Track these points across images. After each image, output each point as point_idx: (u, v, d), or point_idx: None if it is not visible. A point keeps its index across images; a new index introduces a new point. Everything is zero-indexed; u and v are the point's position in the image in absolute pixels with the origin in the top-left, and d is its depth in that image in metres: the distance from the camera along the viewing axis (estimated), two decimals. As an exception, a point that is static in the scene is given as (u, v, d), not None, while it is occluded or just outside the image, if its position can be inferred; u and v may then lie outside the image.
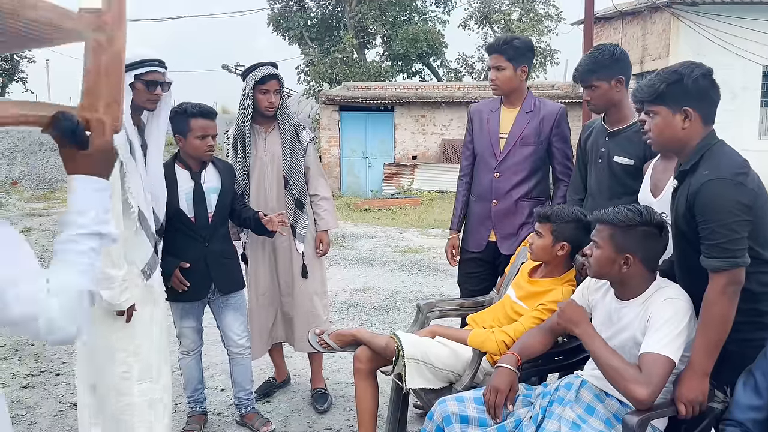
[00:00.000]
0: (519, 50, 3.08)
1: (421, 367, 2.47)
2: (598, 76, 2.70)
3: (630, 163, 2.67)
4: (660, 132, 2.04)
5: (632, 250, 2.05)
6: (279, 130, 3.34)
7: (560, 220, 2.57)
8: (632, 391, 1.91)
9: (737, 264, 1.88)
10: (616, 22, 17.07)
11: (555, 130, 3.13)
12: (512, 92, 3.17)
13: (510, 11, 24.25)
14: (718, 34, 13.74)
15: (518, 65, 3.10)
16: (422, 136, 16.53)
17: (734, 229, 1.87)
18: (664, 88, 1.99)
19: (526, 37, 3.31)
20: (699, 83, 1.96)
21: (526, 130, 3.14)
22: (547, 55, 24.53)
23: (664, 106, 2.01)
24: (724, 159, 1.95)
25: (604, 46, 2.78)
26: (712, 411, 2.00)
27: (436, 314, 2.98)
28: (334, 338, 2.79)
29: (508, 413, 2.13)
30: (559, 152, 3.16)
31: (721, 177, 1.89)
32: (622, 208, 2.09)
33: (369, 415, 2.72)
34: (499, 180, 3.19)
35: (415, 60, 23.55)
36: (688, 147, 2.02)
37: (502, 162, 3.18)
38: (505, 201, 3.19)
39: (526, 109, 3.16)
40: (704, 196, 1.91)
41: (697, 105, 1.98)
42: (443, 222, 10.85)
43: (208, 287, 3.06)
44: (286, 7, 23.31)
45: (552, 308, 2.48)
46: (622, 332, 2.11)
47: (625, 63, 2.74)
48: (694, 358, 1.95)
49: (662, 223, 2.08)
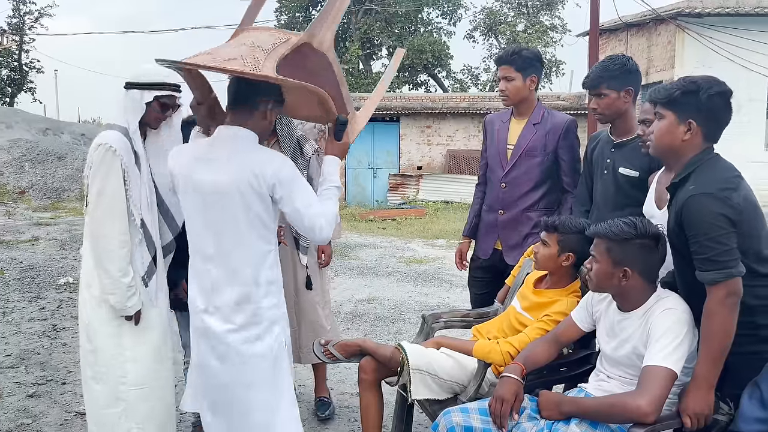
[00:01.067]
0: (528, 60, 3.11)
1: (426, 378, 2.47)
2: (609, 84, 2.72)
3: (635, 174, 2.68)
4: (660, 136, 2.06)
5: (629, 263, 2.06)
6: (279, 143, 3.35)
7: (567, 230, 2.58)
8: (632, 404, 1.91)
9: (732, 275, 1.89)
10: (622, 34, 17.12)
11: (561, 142, 3.13)
12: (522, 102, 3.18)
13: (515, 23, 24.37)
14: (723, 45, 13.74)
15: (527, 75, 3.12)
16: (427, 147, 16.57)
17: (721, 241, 1.88)
18: (679, 95, 2.00)
19: (534, 48, 3.34)
20: (713, 101, 1.97)
21: (531, 141, 3.15)
22: (552, 66, 24.60)
23: (673, 112, 2.02)
24: (712, 174, 1.96)
25: (617, 56, 2.79)
26: (716, 423, 1.99)
27: (441, 325, 2.98)
28: (339, 349, 2.79)
29: (513, 424, 2.13)
30: (566, 164, 3.16)
31: (704, 191, 1.91)
32: (617, 221, 2.10)
33: (373, 425, 2.71)
34: (506, 191, 3.21)
35: (421, 71, 23.67)
36: (683, 159, 2.04)
37: (508, 173, 3.20)
38: (511, 211, 3.21)
39: (533, 121, 3.17)
40: (689, 211, 1.93)
41: (703, 121, 1.99)
42: (448, 232, 10.85)
43: None
44: (292, 19, 23.48)
45: (557, 319, 2.48)
46: (625, 344, 2.11)
47: (635, 76, 2.76)
48: (698, 371, 1.95)
49: (658, 235, 2.09)
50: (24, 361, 4.45)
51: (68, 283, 6.87)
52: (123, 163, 2.47)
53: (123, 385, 2.55)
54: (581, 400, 2.12)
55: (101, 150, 2.46)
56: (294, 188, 2.14)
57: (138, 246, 2.55)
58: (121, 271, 2.47)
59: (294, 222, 2.19)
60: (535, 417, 2.16)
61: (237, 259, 2.17)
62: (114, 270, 2.47)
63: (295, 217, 2.16)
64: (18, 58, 28.40)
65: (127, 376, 2.56)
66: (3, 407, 3.67)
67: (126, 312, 2.51)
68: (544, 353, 2.35)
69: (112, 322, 2.54)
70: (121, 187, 2.47)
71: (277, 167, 2.12)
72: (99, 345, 2.56)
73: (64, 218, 12.76)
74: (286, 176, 2.13)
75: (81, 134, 19.32)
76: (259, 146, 2.21)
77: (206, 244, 2.21)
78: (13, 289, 6.64)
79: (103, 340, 2.55)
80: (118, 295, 2.48)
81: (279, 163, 2.15)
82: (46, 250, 8.98)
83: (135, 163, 2.52)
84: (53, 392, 3.90)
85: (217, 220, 2.17)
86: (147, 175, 2.60)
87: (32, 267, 7.73)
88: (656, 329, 2.00)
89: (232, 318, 2.18)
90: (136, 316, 2.55)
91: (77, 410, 3.58)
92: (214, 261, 2.20)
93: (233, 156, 2.14)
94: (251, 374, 2.19)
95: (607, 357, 2.21)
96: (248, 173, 2.10)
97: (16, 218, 12.66)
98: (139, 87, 2.53)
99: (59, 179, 15.61)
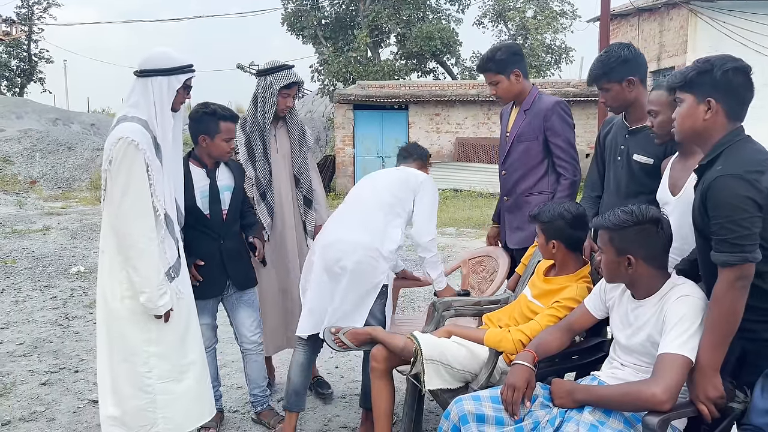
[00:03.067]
0: (503, 62, 3.16)
1: (439, 368, 2.47)
2: (609, 78, 2.71)
3: (649, 162, 2.64)
4: (682, 120, 2.03)
5: (631, 250, 2.06)
6: (287, 128, 3.45)
7: (544, 219, 2.63)
8: (647, 392, 1.90)
9: (746, 259, 1.85)
10: (633, 19, 16.90)
11: (546, 124, 3.16)
12: (517, 96, 3.25)
13: (524, 8, 24.12)
14: (737, 30, 13.54)
15: (509, 73, 3.17)
16: (436, 135, 16.50)
17: (743, 225, 1.85)
18: (694, 75, 1.97)
19: (507, 43, 3.46)
20: (728, 76, 1.93)
21: (521, 128, 3.22)
22: (562, 52, 24.37)
23: (691, 93, 1.99)
24: (741, 155, 1.92)
25: (612, 47, 2.77)
26: (732, 411, 1.97)
27: (451, 313, 2.97)
28: (350, 337, 2.79)
29: (525, 412, 2.12)
30: (553, 146, 3.18)
31: (731, 173, 1.87)
32: (616, 210, 2.10)
33: (384, 413, 2.72)
34: (505, 177, 3.33)
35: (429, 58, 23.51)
36: (710, 141, 1.99)
37: (505, 160, 3.32)
38: (512, 197, 3.32)
39: (524, 107, 3.24)
40: (714, 192, 1.89)
41: (723, 98, 1.95)
42: (458, 220, 10.82)
43: (224, 284, 3.10)
44: (300, 7, 23.36)
45: (568, 305, 2.47)
46: (640, 332, 2.09)
47: (635, 62, 2.71)
48: (701, 355, 1.92)
49: (658, 219, 2.06)
50: (36, 349, 4.48)
51: (80, 272, 6.92)
52: (146, 157, 2.43)
53: (149, 379, 2.55)
54: (595, 388, 2.11)
55: (122, 144, 2.40)
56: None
57: (163, 241, 2.53)
58: (151, 268, 2.44)
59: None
60: (548, 405, 2.15)
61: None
62: (144, 268, 2.44)
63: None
64: (27, 49, 28.47)
65: (153, 371, 2.55)
66: (16, 395, 3.71)
67: (157, 311, 2.49)
68: (556, 341, 2.34)
69: (140, 317, 2.52)
70: (146, 182, 2.44)
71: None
72: (126, 335, 2.54)
73: (74, 208, 12.83)
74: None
75: (90, 124, 19.40)
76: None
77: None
78: (26, 278, 6.70)
79: (131, 333, 2.54)
80: (150, 294, 2.45)
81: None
82: (58, 240, 9.04)
83: (156, 155, 2.50)
84: (66, 380, 3.93)
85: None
86: (170, 165, 2.60)
87: (44, 256, 7.78)
88: (671, 316, 1.98)
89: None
90: (166, 315, 2.53)
91: (90, 398, 3.61)
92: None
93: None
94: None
95: (621, 345, 2.19)
96: None
97: (27, 208, 12.74)
98: (166, 73, 2.50)
99: (69, 169, 15.69)
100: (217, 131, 2.97)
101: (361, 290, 2.84)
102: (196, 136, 3.01)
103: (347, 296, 2.85)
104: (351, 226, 2.93)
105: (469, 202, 13.51)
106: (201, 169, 3.04)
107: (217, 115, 2.97)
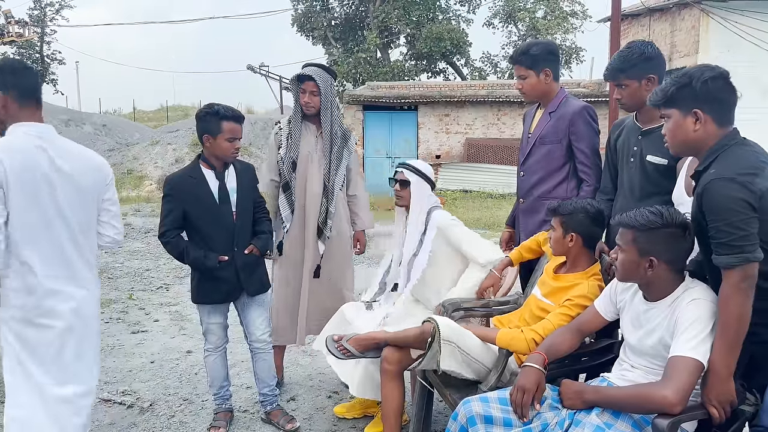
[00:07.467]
0: (537, 57, 3.11)
1: (455, 350, 2.46)
2: (628, 74, 2.67)
3: (663, 162, 2.62)
4: (673, 135, 2.06)
5: (656, 252, 2.03)
6: (321, 130, 3.51)
7: (567, 211, 2.62)
8: (658, 395, 1.89)
9: (748, 259, 1.86)
10: (644, 19, 16.82)
11: (571, 129, 3.11)
12: (543, 96, 3.19)
13: (535, 9, 24.06)
14: (749, 30, 13.43)
15: (540, 70, 3.12)
16: (446, 136, 16.49)
17: (740, 227, 1.85)
18: (674, 91, 2.01)
19: (546, 41, 3.33)
20: (708, 86, 1.96)
21: (545, 130, 3.17)
22: (572, 53, 24.30)
23: (675, 108, 2.03)
24: (734, 159, 1.93)
25: (635, 44, 2.73)
26: (743, 413, 1.96)
27: (461, 314, 2.96)
28: (354, 344, 2.77)
29: (534, 414, 2.11)
30: (577, 151, 3.13)
31: (724, 176, 1.88)
32: (643, 210, 2.08)
33: (394, 414, 2.72)
34: (523, 178, 3.27)
35: (439, 59, 23.51)
36: (704, 149, 2.01)
37: (525, 161, 3.26)
38: (528, 199, 3.25)
39: (550, 109, 3.18)
40: (708, 195, 1.91)
41: (708, 107, 1.98)
42: (467, 221, 10.75)
43: (238, 293, 3.15)
44: (310, 8, 23.42)
45: (579, 303, 2.46)
46: (652, 334, 2.08)
47: (657, 62, 2.69)
48: (714, 358, 1.92)
49: (686, 224, 2.05)
50: None
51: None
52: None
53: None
54: (604, 389, 2.10)
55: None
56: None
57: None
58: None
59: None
60: (557, 407, 2.14)
61: None
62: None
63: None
64: (40, 50, 28.73)
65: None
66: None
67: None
68: (566, 342, 2.33)
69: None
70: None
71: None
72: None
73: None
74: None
75: (102, 125, 19.54)
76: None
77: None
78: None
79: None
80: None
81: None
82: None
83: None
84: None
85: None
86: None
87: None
88: (684, 319, 1.97)
89: None
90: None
91: (100, 397, 3.63)
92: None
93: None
94: None
95: (632, 347, 2.18)
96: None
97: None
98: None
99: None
100: (219, 131, 2.99)
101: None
102: (201, 136, 3.05)
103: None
104: None
105: (478, 203, 13.48)
106: (211, 171, 3.06)
107: (219, 114, 2.99)
